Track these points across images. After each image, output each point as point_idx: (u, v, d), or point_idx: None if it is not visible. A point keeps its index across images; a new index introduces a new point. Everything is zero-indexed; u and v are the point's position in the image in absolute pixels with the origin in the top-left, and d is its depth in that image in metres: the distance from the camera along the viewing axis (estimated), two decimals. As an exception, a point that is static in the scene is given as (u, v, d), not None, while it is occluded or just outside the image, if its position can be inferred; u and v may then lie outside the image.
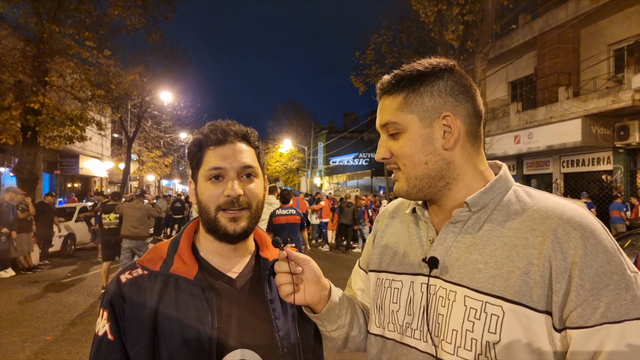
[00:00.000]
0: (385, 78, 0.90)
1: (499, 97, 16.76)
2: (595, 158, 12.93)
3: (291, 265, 0.91)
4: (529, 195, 0.83)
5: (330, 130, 39.24)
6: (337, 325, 0.98)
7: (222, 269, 0.97)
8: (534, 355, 0.72)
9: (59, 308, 6.16)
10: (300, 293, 0.92)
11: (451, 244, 0.85)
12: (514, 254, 0.76)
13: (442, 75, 0.85)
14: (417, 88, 0.85)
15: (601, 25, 12.96)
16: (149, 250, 0.98)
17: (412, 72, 0.86)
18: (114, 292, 0.91)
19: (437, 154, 0.84)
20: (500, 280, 0.75)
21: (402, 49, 17.95)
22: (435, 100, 0.84)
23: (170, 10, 14.11)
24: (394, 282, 0.93)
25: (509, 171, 0.89)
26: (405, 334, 0.88)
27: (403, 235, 0.97)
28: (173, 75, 22.54)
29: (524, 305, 0.72)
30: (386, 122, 0.88)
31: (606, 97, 11.22)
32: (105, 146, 23.30)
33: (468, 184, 0.86)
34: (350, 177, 32.19)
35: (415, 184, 0.87)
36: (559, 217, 0.75)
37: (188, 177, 1.07)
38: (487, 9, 11.11)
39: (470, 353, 0.76)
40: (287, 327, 0.97)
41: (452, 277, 0.82)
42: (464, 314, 0.78)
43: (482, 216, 0.83)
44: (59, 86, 11.63)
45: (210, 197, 0.92)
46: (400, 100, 0.86)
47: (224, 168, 0.93)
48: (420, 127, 0.84)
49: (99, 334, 0.90)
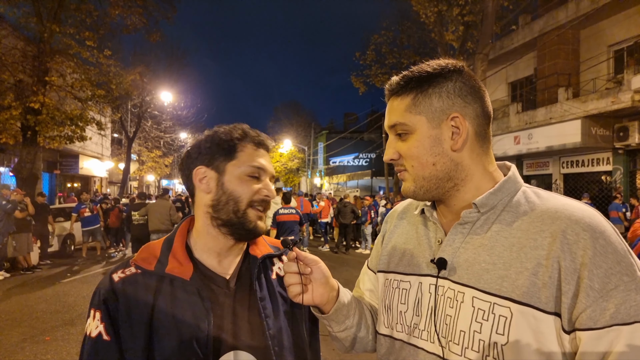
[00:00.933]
0: (394, 79, 0.90)
1: (498, 98, 16.77)
2: (594, 159, 12.94)
3: (300, 266, 0.91)
4: (538, 196, 0.82)
5: (330, 131, 39.28)
6: (345, 326, 0.99)
7: (215, 269, 0.96)
8: (542, 356, 0.71)
9: (58, 308, 6.16)
10: (309, 293, 0.92)
11: (460, 245, 0.84)
12: (522, 255, 0.75)
13: (451, 77, 0.85)
14: (425, 89, 0.85)
15: (601, 26, 12.97)
16: (142, 249, 0.96)
17: (421, 73, 0.86)
18: (107, 290, 0.88)
19: (445, 155, 0.84)
20: (508, 281, 0.75)
21: (403, 50, 17.98)
22: (444, 102, 0.84)
23: (170, 10, 14.14)
24: (402, 283, 0.93)
25: (518, 172, 0.89)
26: (413, 334, 0.88)
27: (411, 236, 0.97)
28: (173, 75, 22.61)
29: (532, 306, 0.72)
30: (394, 123, 0.88)
31: (606, 98, 11.23)
32: (105, 146, 23.30)
33: (477, 185, 0.86)
34: (350, 177, 32.20)
35: (422, 184, 0.86)
36: (568, 218, 0.74)
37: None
38: (487, 9, 11.13)
39: (477, 354, 0.76)
40: (278, 325, 0.96)
41: (460, 278, 0.82)
42: (472, 315, 0.78)
43: (490, 217, 0.83)
44: (59, 86, 11.64)
45: (246, 191, 0.94)
46: (409, 102, 0.86)
47: (265, 170, 0.98)
48: (429, 129, 0.84)
49: (91, 335, 0.86)
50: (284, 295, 1.01)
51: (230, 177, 0.95)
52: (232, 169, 0.95)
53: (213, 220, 0.95)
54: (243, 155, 0.96)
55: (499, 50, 15.60)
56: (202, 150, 0.97)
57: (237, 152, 0.96)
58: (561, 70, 13.50)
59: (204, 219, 0.97)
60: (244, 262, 1.02)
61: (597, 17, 12.36)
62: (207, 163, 0.96)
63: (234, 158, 0.95)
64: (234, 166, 0.95)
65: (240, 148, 0.96)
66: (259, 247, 1.05)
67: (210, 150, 0.96)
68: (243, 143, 0.97)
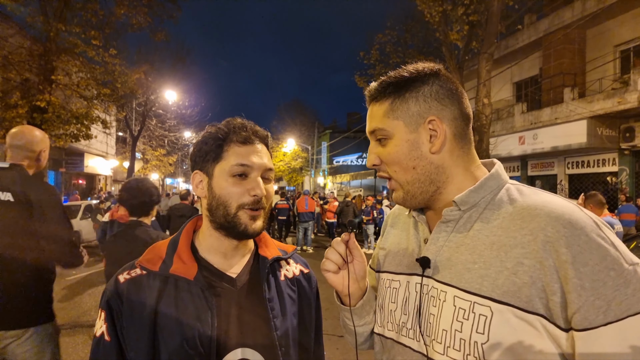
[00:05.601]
0: (372, 85, 0.92)
1: (503, 98, 16.70)
2: (600, 159, 12.87)
3: (346, 250, 0.95)
4: (520, 192, 0.82)
5: (333, 130, 39.22)
6: (364, 321, 1.02)
7: (222, 268, 0.97)
8: (523, 355, 0.71)
9: (63, 306, 6.20)
10: (339, 278, 0.96)
11: (443, 243, 0.85)
12: (502, 253, 0.75)
13: (427, 80, 0.86)
14: (402, 94, 0.86)
15: (607, 25, 12.88)
16: (148, 250, 0.97)
17: (398, 78, 0.87)
18: (112, 292, 0.90)
19: (424, 159, 0.85)
20: (488, 280, 0.75)
21: (407, 49, 17.90)
22: (421, 106, 0.85)
23: (175, 9, 14.16)
24: (393, 282, 0.95)
25: (502, 169, 0.88)
26: (401, 333, 0.90)
27: (403, 236, 1.00)
28: (178, 74, 22.60)
29: (512, 305, 0.72)
30: (374, 129, 0.89)
31: (612, 98, 11.16)
32: (110, 144, 23.44)
33: (459, 186, 0.86)
34: (353, 176, 32.16)
35: (408, 189, 0.87)
36: (547, 215, 0.73)
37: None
38: (492, 9, 11.07)
39: (459, 353, 0.76)
40: (285, 326, 0.97)
41: (443, 277, 0.82)
42: (453, 314, 0.78)
43: (473, 215, 0.83)
44: (65, 84, 11.71)
45: (233, 194, 0.92)
46: (387, 107, 0.87)
47: (251, 167, 0.93)
48: (406, 133, 0.85)
49: (96, 334, 0.89)
50: (292, 297, 1.02)
51: (217, 180, 0.93)
52: (219, 171, 0.93)
53: (211, 222, 0.96)
54: (228, 154, 0.93)
55: (504, 50, 15.53)
56: (197, 153, 0.97)
57: (223, 152, 0.94)
58: (567, 70, 13.42)
59: (206, 221, 0.99)
60: (254, 263, 1.02)
61: (603, 16, 12.28)
62: (200, 167, 0.97)
63: (220, 159, 0.94)
64: (221, 167, 0.93)
65: (225, 148, 0.94)
66: (269, 249, 1.05)
67: (200, 153, 0.96)
68: (228, 142, 0.94)
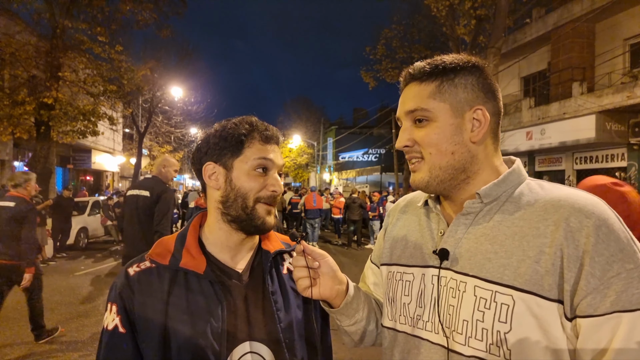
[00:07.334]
0: (418, 64, 0.89)
1: (511, 93, 16.54)
2: (609, 154, 12.72)
3: (308, 260, 0.92)
4: (542, 187, 0.83)
5: (339, 126, 39.16)
6: (354, 320, 1.00)
7: (228, 263, 0.98)
8: (546, 343, 0.71)
9: (72, 300, 6.27)
10: (317, 287, 0.93)
11: (462, 235, 0.85)
12: (525, 243, 0.76)
13: (475, 72, 0.86)
14: (451, 78, 0.85)
15: (617, 19, 12.68)
16: (156, 244, 0.98)
17: (447, 62, 0.86)
18: (122, 285, 0.91)
19: (464, 146, 0.85)
20: (510, 269, 0.76)
21: (413, 44, 17.81)
22: (469, 93, 0.85)
23: (181, 5, 14.20)
24: (405, 275, 0.94)
25: (522, 166, 0.90)
26: (417, 326, 0.89)
27: (414, 228, 0.98)
28: (184, 70, 22.66)
29: (534, 293, 0.72)
30: (414, 109, 0.86)
31: (621, 92, 11.00)
32: (116, 141, 23.59)
33: (485, 179, 0.86)
34: (359, 172, 32.11)
35: (437, 174, 0.86)
36: (571, 206, 0.74)
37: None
38: (500, 3, 10.95)
39: (481, 343, 0.76)
40: (289, 318, 0.98)
41: (462, 268, 0.82)
42: (474, 304, 0.78)
43: (493, 208, 0.83)
44: (72, 81, 11.80)
45: (253, 187, 0.94)
46: (433, 88, 0.85)
47: (274, 163, 0.97)
48: (451, 117, 0.84)
49: (108, 328, 0.89)
50: (295, 289, 1.01)
51: (238, 173, 0.95)
52: (239, 165, 0.95)
53: (223, 215, 0.97)
54: (250, 151, 0.96)
55: (512, 44, 15.36)
56: (211, 146, 0.97)
57: (244, 147, 0.96)
58: (575, 64, 13.25)
59: (215, 215, 0.98)
60: (257, 257, 1.03)
61: (613, 10, 12.09)
62: (216, 159, 0.97)
63: (241, 154, 0.96)
64: (242, 162, 0.95)
65: (247, 144, 0.96)
66: (272, 242, 1.06)
67: (218, 146, 0.97)
68: (250, 139, 0.96)
